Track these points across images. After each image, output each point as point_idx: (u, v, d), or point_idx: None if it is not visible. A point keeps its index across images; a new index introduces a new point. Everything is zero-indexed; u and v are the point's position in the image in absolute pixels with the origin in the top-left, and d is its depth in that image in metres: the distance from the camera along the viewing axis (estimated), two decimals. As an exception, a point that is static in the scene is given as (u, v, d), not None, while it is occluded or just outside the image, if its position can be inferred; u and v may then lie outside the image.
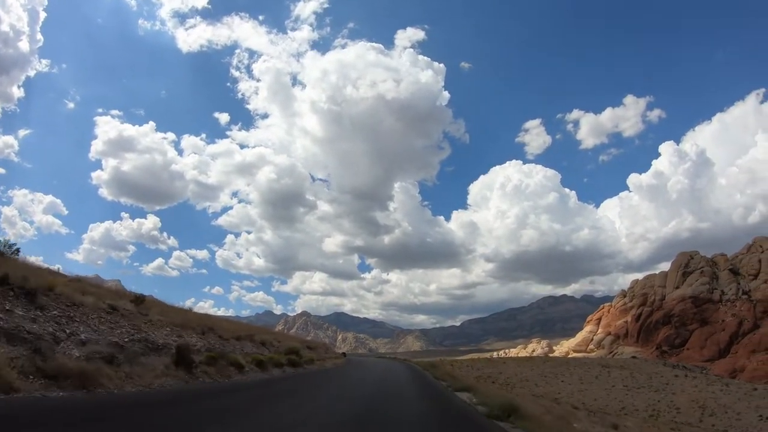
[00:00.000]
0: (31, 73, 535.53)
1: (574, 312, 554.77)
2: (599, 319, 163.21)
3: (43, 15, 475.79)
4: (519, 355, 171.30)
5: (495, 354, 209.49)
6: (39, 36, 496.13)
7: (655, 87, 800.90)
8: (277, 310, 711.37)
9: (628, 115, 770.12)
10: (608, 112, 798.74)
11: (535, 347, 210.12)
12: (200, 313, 29.28)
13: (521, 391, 46.21)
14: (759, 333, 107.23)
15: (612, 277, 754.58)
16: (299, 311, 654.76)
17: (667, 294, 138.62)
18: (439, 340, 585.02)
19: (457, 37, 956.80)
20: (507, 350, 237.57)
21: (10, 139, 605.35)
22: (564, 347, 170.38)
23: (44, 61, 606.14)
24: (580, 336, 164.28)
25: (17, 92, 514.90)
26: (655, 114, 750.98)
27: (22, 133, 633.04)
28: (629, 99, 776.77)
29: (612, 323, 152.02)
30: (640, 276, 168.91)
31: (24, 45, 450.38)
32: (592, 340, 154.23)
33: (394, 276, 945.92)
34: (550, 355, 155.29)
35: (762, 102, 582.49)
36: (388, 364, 49.41)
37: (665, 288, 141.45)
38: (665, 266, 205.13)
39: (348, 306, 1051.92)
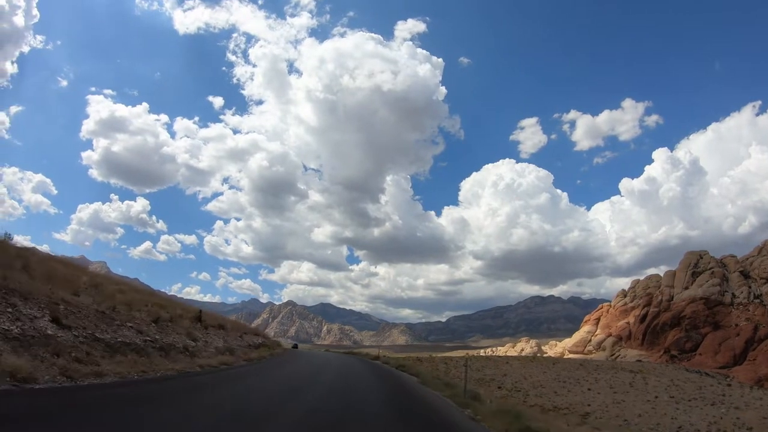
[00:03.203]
0: (25, 49, 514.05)
1: (560, 313, 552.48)
2: (598, 319, 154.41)
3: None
4: (507, 354, 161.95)
5: (482, 351, 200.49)
6: (35, 11, 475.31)
7: (654, 92, 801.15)
8: (264, 298, 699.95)
9: (626, 118, 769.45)
10: (605, 115, 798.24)
11: (524, 346, 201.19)
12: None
13: (540, 401, 34.83)
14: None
15: (600, 280, 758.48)
16: (285, 300, 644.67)
17: (675, 294, 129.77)
18: (424, 335, 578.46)
19: (458, 32, 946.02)
20: (494, 348, 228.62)
21: (1, 115, 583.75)
22: (559, 348, 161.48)
23: (39, 37, 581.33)
24: (578, 336, 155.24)
25: (10, 68, 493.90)
26: (653, 119, 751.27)
27: (13, 109, 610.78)
28: (628, 102, 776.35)
29: (612, 324, 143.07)
30: (627, 280, 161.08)
31: (19, 20, 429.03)
32: (590, 341, 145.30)
33: (382, 269, 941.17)
34: (539, 355, 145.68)
35: (758, 114, 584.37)
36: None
37: (673, 288, 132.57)
38: (654, 271, 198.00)
39: (335, 297, 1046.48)
